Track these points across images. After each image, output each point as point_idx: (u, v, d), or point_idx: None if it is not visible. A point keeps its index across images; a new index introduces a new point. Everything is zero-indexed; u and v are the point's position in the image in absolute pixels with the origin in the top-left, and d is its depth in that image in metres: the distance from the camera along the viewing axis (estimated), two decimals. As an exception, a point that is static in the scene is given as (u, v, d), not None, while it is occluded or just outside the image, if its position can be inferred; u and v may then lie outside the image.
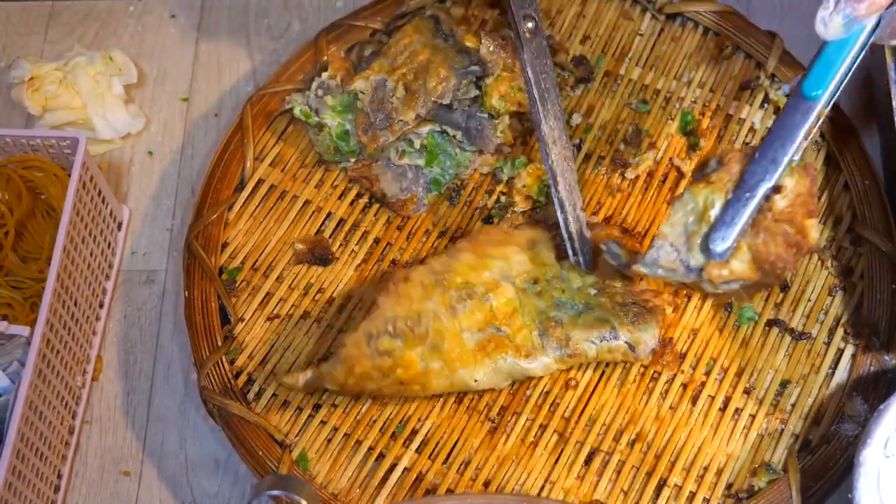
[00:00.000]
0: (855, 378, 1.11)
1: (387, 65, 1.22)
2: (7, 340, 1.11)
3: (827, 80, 0.99)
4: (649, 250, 1.04)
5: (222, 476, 1.17)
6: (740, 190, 1.01)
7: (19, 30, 1.44)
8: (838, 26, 0.92)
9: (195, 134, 1.36)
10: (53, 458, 1.14)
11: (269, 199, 1.26)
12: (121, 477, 1.17)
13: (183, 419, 1.20)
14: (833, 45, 0.97)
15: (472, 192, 1.25)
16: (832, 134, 1.22)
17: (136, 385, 1.22)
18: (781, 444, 1.09)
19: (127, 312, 1.26)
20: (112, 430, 1.20)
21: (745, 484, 1.08)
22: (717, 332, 1.15)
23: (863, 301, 1.15)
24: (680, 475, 1.09)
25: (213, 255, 1.22)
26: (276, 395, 1.15)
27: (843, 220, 1.19)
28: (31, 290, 1.20)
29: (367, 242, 1.23)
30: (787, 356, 1.13)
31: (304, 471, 1.11)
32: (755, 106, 1.25)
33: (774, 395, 1.12)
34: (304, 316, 1.19)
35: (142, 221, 1.31)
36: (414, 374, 1.08)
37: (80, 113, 1.32)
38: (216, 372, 1.16)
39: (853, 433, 1.08)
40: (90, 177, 1.19)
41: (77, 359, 1.18)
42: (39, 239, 1.22)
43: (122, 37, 1.43)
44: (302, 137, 1.29)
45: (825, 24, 0.92)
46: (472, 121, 1.22)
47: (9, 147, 1.22)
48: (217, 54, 1.41)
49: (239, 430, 1.13)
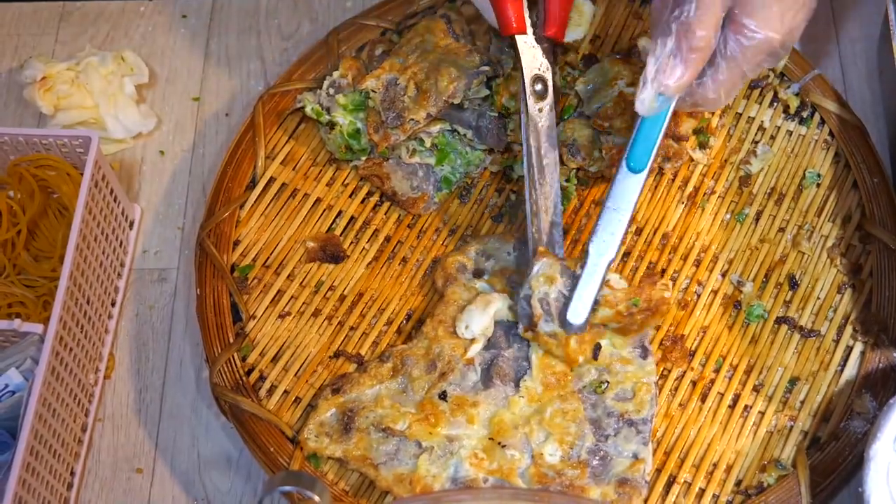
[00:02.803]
0: (864, 375, 1.11)
1: (398, 64, 1.23)
2: (21, 338, 1.11)
3: (648, 153, 1.07)
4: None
5: (234, 473, 1.17)
6: (587, 266, 1.07)
7: (31, 30, 1.44)
8: (653, 103, 1.00)
9: (206, 133, 1.36)
10: (67, 456, 1.14)
11: (281, 197, 1.26)
12: (133, 474, 1.18)
13: (195, 416, 1.20)
14: (648, 121, 1.06)
15: (483, 190, 1.26)
16: (841, 133, 1.23)
17: (148, 383, 1.22)
18: (791, 441, 1.10)
19: (139, 310, 1.26)
20: (124, 427, 1.20)
21: (754, 480, 1.08)
22: (726, 329, 1.15)
23: (872, 298, 1.15)
24: (689, 472, 1.09)
25: (225, 252, 1.22)
26: (288, 391, 1.16)
27: (852, 217, 1.19)
28: (44, 288, 1.20)
29: (377, 240, 1.23)
30: (796, 353, 1.14)
31: (315, 467, 1.12)
32: (764, 105, 1.26)
33: (784, 392, 1.12)
34: (316, 313, 1.20)
35: (153, 220, 1.31)
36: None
37: (92, 112, 1.33)
38: (228, 369, 1.16)
39: (862, 430, 1.08)
40: (102, 175, 1.19)
41: (90, 356, 1.19)
42: (52, 237, 1.23)
43: (133, 37, 1.43)
44: (313, 136, 1.29)
45: (644, 104, 1.00)
46: (483, 119, 1.22)
47: (21, 146, 1.22)
48: (228, 54, 1.41)
49: (251, 426, 1.13)
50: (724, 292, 1.17)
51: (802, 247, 1.18)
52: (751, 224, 1.21)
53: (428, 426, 1.08)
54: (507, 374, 1.09)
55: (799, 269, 1.18)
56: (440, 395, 1.09)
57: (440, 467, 1.06)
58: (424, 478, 1.06)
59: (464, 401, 1.08)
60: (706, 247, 1.20)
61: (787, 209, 1.21)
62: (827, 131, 1.24)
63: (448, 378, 1.09)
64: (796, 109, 1.25)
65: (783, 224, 1.20)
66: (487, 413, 1.08)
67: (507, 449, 1.06)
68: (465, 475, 1.06)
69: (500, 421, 1.07)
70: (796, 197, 1.22)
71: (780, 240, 1.19)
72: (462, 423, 1.08)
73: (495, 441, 1.07)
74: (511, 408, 1.08)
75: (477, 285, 1.14)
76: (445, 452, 1.07)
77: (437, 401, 1.09)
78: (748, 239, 1.20)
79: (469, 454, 1.06)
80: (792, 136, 1.25)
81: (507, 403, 1.08)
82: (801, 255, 1.18)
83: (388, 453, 1.08)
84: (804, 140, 1.24)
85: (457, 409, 1.08)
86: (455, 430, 1.08)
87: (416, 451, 1.07)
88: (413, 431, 1.08)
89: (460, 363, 1.10)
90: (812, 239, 1.19)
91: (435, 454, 1.07)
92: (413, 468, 1.07)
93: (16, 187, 1.23)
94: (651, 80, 0.99)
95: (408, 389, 1.11)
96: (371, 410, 1.10)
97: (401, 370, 1.12)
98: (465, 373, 1.10)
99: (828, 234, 1.19)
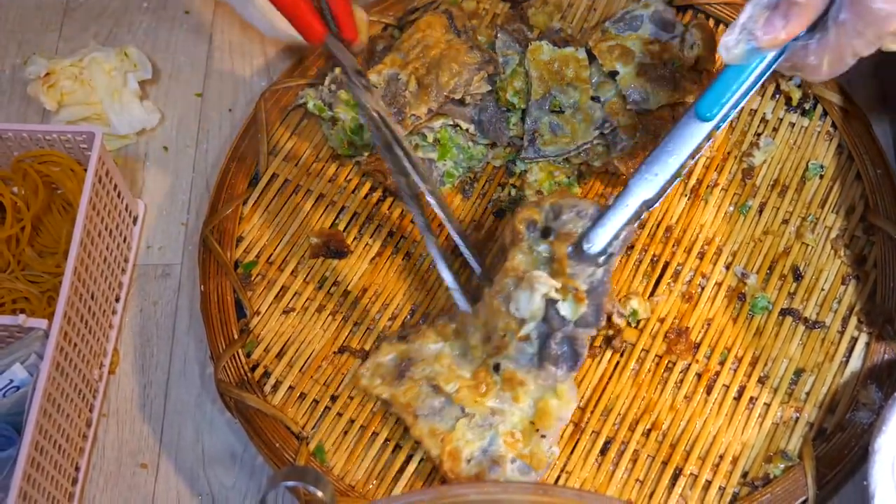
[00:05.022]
0: (869, 366, 1.11)
1: (399, 59, 1.23)
2: (25, 334, 1.11)
3: (719, 103, 1.00)
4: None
5: (239, 469, 1.17)
6: (621, 198, 1.04)
7: (34, 26, 1.45)
8: (740, 53, 0.94)
9: (209, 129, 1.37)
10: (71, 451, 1.14)
11: (284, 193, 1.26)
12: (138, 469, 1.18)
13: (199, 412, 1.20)
14: (732, 69, 0.98)
15: (485, 185, 1.26)
16: (844, 124, 1.23)
17: (152, 378, 1.22)
18: (796, 433, 1.10)
19: (143, 306, 1.26)
20: (129, 423, 1.20)
21: (760, 472, 1.08)
22: (730, 321, 1.15)
23: (876, 289, 1.15)
24: (696, 464, 1.09)
25: (229, 249, 1.22)
26: (293, 387, 1.16)
27: (855, 209, 1.19)
28: (48, 283, 1.20)
29: (381, 235, 1.23)
30: (801, 345, 1.14)
31: (320, 463, 1.12)
32: (767, 97, 1.26)
33: (789, 384, 1.12)
34: (320, 309, 1.20)
35: (157, 216, 1.31)
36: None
37: (96, 108, 1.33)
38: (232, 365, 1.16)
39: (868, 421, 1.08)
40: (106, 171, 1.19)
41: (94, 352, 1.19)
42: (56, 233, 1.23)
43: (136, 33, 1.43)
44: (315, 132, 1.29)
45: (727, 49, 0.94)
46: (485, 114, 1.22)
47: (25, 142, 1.22)
48: (231, 50, 1.42)
49: (256, 422, 1.13)
50: (728, 284, 1.17)
51: (806, 238, 1.18)
52: (754, 216, 1.20)
53: (476, 394, 1.08)
54: (557, 357, 1.09)
55: (803, 261, 1.17)
56: (495, 366, 1.09)
57: (476, 436, 1.07)
58: (458, 441, 1.06)
59: (514, 377, 1.08)
60: (710, 239, 1.20)
61: (791, 201, 1.21)
62: (829, 123, 1.24)
63: (503, 352, 1.09)
64: (798, 101, 1.25)
65: (787, 216, 1.20)
66: (535, 395, 1.08)
67: (544, 439, 1.06)
68: (496, 451, 1.06)
69: (545, 407, 1.07)
70: (799, 188, 1.21)
71: (783, 231, 1.19)
72: (508, 399, 1.08)
73: (535, 426, 1.07)
74: (559, 395, 1.08)
75: (540, 248, 1.12)
76: (485, 423, 1.07)
77: (491, 372, 1.09)
78: (752, 231, 1.20)
79: (506, 431, 1.07)
80: (794, 128, 1.25)
81: (554, 391, 1.08)
82: (804, 247, 1.18)
83: (431, 408, 1.08)
84: (807, 132, 1.24)
85: (507, 384, 1.08)
86: (500, 405, 1.08)
87: (459, 415, 1.08)
88: (461, 396, 1.08)
89: (514, 339, 1.10)
90: (816, 230, 1.19)
91: (474, 422, 1.07)
92: (450, 429, 1.07)
93: (20, 183, 1.23)
94: (741, 26, 0.92)
95: (467, 354, 1.11)
96: (428, 365, 1.10)
97: (462, 334, 1.12)
98: (521, 348, 1.09)
99: (831, 226, 1.19)
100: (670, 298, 1.17)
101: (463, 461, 1.06)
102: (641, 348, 1.15)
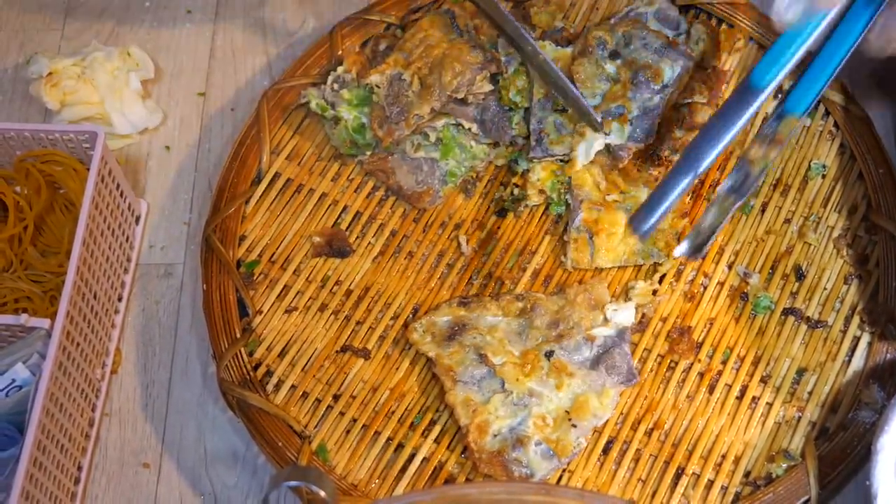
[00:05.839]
0: (871, 366, 1.11)
1: (402, 59, 1.23)
2: (27, 333, 1.11)
3: (773, 71, 0.98)
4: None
5: (241, 468, 1.17)
6: (674, 170, 1.02)
7: (36, 26, 1.44)
8: (794, 16, 0.91)
9: (212, 128, 1.37)
10: (74, 450, 1.14)
11: (286, 192, 1.26)
12: (140, 469, 1.18)
13: (202, 411, 1.20)
14: (785, 37, 0.96)
15: (488, 184, 1.26)
16: (846, 123, 1.22)
17: (154, 378, 1.22)
18: (799, 432, 1.10)
19: (145, 306, 1.26)
20: (131, 422, 1.20)
21: (762, 471, 1.08)
22: (733, 321, 1.15)
23: (878, 289, 1.15)
24: (698, 463, 1.09)
25: (231, 248, 1.22)
26: (295, 386, 1.16)
27: (858, 208, 1.19)
28: (51, 283, 1.20)
29: (383, 235, 1.23)
30: (803, 344, 1.14)
31: (323, 462, 1.12)
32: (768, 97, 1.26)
33: (791, 384, 1.12)
34: (322, 308, 1.20)
35: (159, 215, 1.31)
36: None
37: (98, 108, 1.33)
38: (235, 364, 1.16)
39: (870, 420, 1.08)
40: (108, 171, 1.20)
41: (96, 351, 1.19)
42: (58, 233, 1.23)
43: (138, 32, 1.43)
44: (318, 131, 1.29)
45: (779, 14, 0.92)
46: (487, 113, 1.22)
47: (28, 142, 1.22)
48: (233, 49, 1.42)
49: (258, 421, 1.13)
50: (730, 284, 1.17)
51: (808, 238, 1.18)
52: (757, 215, 1.20)
53: (520, 373, 1.09)
54: (615, 367, 1.10)
55: (805, 260, 1.18)
56: (547, 353, 1.10)
57: (508, 413, 1.08)
58: (489, 414, 1.08)
59: (565, 368, 1.09)
60: (712, 238, 1.20)
61: (793, 200, 1.21)
62: (832, 122, 1.24)
63: (562, 342, 1.10)
64: (801, 101, 1.25)
65: (789, 215, 1.20)
66: (578, 390, 1.08)
67: (574, 429, 1.07)
68: (523, 431, 1.07)
69: (585, 402, 1.08)
70: (802, 188, 1.21)
71: (786, 231, 1.19)
72: (551, 385, 1.09)
73: (568, 416, 1.07)
74: (602, 397, 1.08)
75: (607, 66, 1.16)
76: (520, 403, 1.08)
77: (541, 357, 1.10)
78: (754, 230, 1.20)
79: (539, 414, 1.08)
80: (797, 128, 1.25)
81: (599, 393, 1.08)
82: (807, 246, 1.18)
83: (472, 377, 1.10)
84: (809, 131, 1.24)
85: (554, 371, 1.09)
86: (540, 388, 1.09)
87: (497, 389, 1.09)
88: (504, 370, 1.09)
89: (581, 335, 1.10)
90: (818, 230, 1.19)
91: (510, 399, 1.08)
92: (485, 401, 1.08)
93: (22, 183, 1.23)
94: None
95: (524, 334, 1.12)
96: (480, 334, 1.12)
97: (528, 314, 1.13)
98: (581, 346, 1.10)
99: (834, 225, 1.19)
100: (673, 297, 1.17)
101: (489, 435, 1.07)
102: (644, 347, 1.15)
